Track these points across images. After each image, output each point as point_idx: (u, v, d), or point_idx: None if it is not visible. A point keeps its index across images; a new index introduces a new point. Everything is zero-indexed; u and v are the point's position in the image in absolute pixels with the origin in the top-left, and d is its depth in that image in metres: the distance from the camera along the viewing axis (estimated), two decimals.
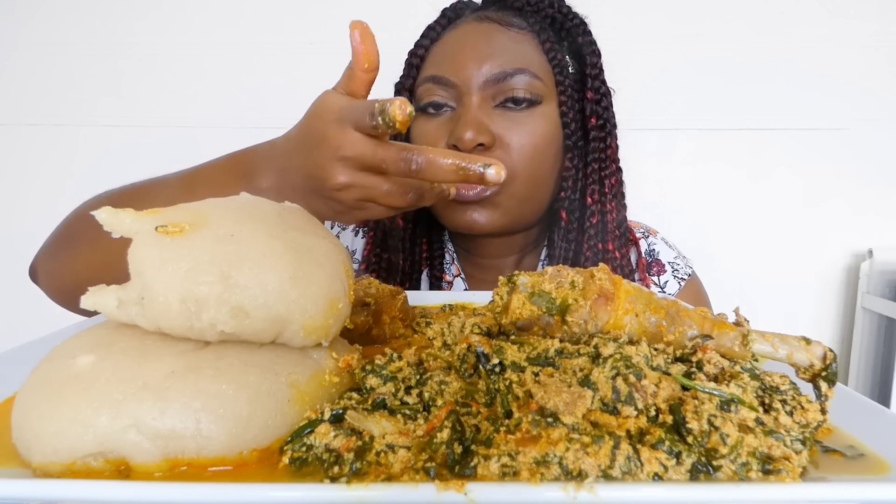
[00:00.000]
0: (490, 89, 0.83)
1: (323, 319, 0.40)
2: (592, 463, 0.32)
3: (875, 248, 1.57)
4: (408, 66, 0.92)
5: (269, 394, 0.36)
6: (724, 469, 0.34)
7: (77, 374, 0.35)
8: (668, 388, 0.38)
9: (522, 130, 0.83)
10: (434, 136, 0.85)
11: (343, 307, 0.42)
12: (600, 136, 0.90)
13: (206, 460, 0.33)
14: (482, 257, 1.00)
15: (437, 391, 0.40)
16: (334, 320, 0.41)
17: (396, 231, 0.96)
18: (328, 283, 0.40)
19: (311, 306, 0.39)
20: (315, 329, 0.39)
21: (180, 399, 0.34)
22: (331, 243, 0.44)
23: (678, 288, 0.99)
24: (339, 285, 0.42)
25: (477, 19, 0.88)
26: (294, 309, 0.38)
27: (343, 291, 0.42)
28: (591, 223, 0.90)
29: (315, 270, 0.40)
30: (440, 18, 0.92)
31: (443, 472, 0.33)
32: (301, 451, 0.34)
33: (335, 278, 0.41)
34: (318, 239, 0.43)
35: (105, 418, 0.33)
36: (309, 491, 0.31)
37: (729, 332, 0.44)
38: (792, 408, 0.38)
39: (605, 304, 0.44)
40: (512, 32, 0.86)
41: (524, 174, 0.84)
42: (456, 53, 0.85)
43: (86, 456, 0.33)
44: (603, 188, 0.91)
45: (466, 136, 0.80)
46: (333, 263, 0.42)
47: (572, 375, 0.40)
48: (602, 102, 0.90)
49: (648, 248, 1.02)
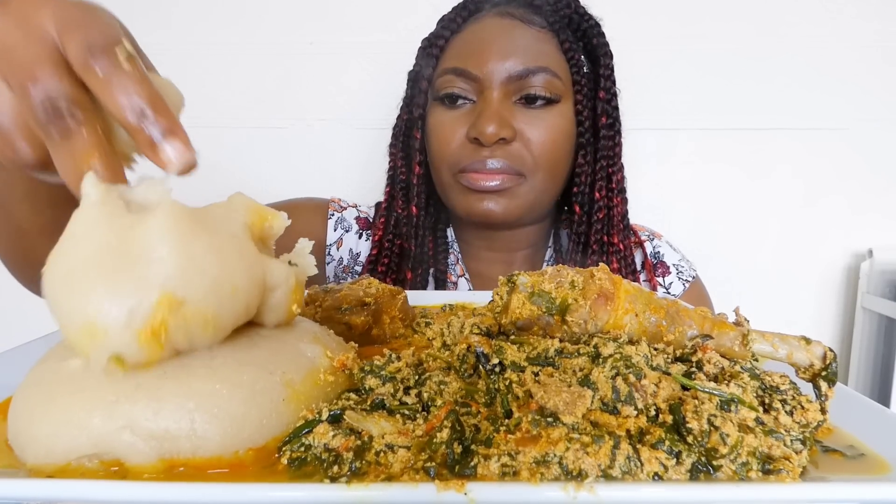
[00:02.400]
0: (512, 85, 0.85)
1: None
2: (592, 463, 0.32)
3: (875, 248, 1.57)
4: (426, 56, 0.93)
5: (264, 393, 0.36)
6: (724, 469, 0.33)
7: (70, 375, 0.35)
8: (668, 387, 0.38)
9: (541, 126, 0.86)
10: (451, 127, 0.88)
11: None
12: (609, 134, 0.93)
13: (201, 460, 0.33)
14: (489, 251, 1.01)
15: (436, 391, 0.40)
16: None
17: (410, 217, 0.97)
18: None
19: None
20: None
21: (174, 399, 0.33)
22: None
23: (683, 289, 1.01)
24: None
25: (499, 14, 0.90)
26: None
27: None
28: (598, 217, 0.93)
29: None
30: (460, 10, 0.93)
31: (443, 472, 0.33)
32: (300, 451, 0.34)
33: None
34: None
35: (98, 420, 0.33)
36: (309, 491, 0.30)
37: (729, 332, 0.44)
38: (792, 407, 0.38)
39: (604, 303, 0.44)
40: (534, 30, 0.88)
41: (543, 168, 0.87)
42: (479, 47, 0.86)
43: (80, 457, 0.33)
44: (610, 184, 0.94)
45: (489, 130, 0.82)
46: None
47: (572, 375, 0.40)
48: (612, 102, 0.93)
49: (653, 251, 1.04)
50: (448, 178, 0.91)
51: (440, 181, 0.93)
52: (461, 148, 0.87)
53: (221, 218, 0.38)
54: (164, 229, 0.34)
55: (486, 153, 0.85)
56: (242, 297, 0.37)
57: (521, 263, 1.01)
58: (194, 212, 0.36)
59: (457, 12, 0.93)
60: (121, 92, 0.35)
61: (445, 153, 0.89)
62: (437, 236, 1.02)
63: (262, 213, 0.41)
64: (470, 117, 0.86)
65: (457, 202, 0.92)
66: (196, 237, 0.35)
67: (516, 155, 0.86)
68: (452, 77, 0.87)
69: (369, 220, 1.06)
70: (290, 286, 0.41)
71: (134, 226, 0.34)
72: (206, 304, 0.35)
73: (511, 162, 0.85)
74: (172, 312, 0.33)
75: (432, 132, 0.91)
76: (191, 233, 0.35)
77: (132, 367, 0.33)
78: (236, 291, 0.36)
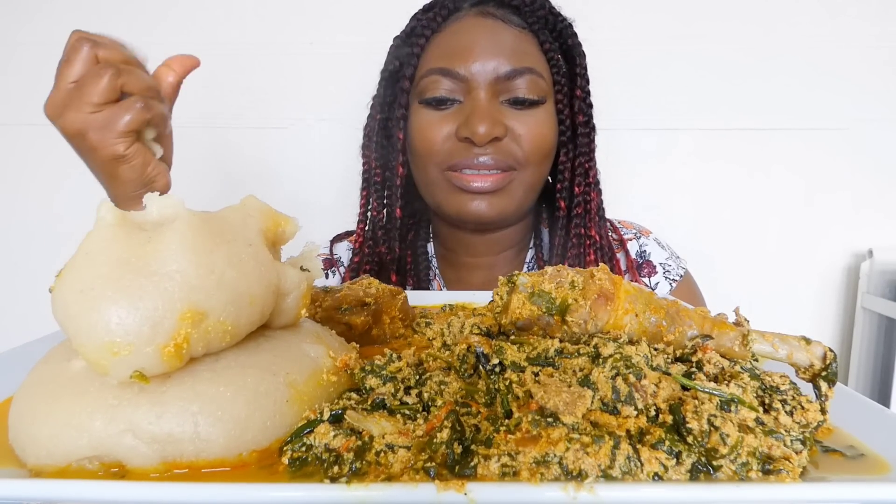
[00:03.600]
0: (500, 85, 0.86)
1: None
2: (592, 463, 0.32)
3: (875, 248, 1.57)
4: (405, 54, 0.91)
5: (268, 394, 0.36)
6: (724, 469, 0.33)
7: (72, 377, 0.35)
8: (668, 388, 0.38)
9: (530, 122, 0.87)
10: (439, 127, 0.87)
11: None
12: (585, 131, 0.94)
13: (204, 462, 0.33)
14: (469, 256, 1.00)
15: (436, 391, 0.40)
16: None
17: (393, 221, 0.96)
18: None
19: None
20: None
21: (177, 402, 0.33)
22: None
23: (670, 289, 1.01)
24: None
25: (479, 14, 0.90)
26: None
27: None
28: (577, 212, 0.95)
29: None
30: (439, 9, 0.92)
31: (443, 472, 0.33)
32: (301, 451, 0.34)
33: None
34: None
35: (100, 423, 0.33)
36: (309, 491, 0.30)
37: (729, 332, 0.44)
38: (792, 408, 0.38)
39: (604, 304, 0.44)
40: (515, 31, 0.89)
41: (533, 162, 0.89)
42: (463, 47, 0.87)
43: (81, 459, 0.33)
44: (587, 178, 0.95)
45: (481, 130, 0.83)
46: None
47: (572, 375, 0.40)
48: (587, 100, 0.95)
49: (640, 250, 1.04)
50: (436, 177, 0.90)
51: (426, 181, 0.92)
52: (451, 147, 0.87)
53: (237, 225, 0.38)
54: (185, 242, 0.34)
55: (478, 150, 0.86)
56: (259, 305, 0.37)
57: (503, 266, 1.01)
58: (210, 221, 0.36)
59: (435, 11, 0.92)
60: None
61: (433, 152, 0.88)
62: (418, 251, 1.02)
63: (276, 218, 0.42)
64: (457, 116, 0.86)
65: (445, 202, 0.91)
66: (216, 248, 0.35)
67: (507, 150, 0.87)
68: (438, 77, 0.87)
69: (330, 259, 1.06)
70: (302, 291, 0.42)
71: (150, 241, 0.34)
72: (227, 315, 0.35)
73: (503, 157, 0.86)
74: (195, 326, 0.33)
75: (417, 132, 0.90)
76: (211, 244, 0.35)
77: (151, 378, 0.33)
78: (254, 300, 0.37)
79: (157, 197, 0.37)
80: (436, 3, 0.93)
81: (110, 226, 0.34)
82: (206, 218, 0.36)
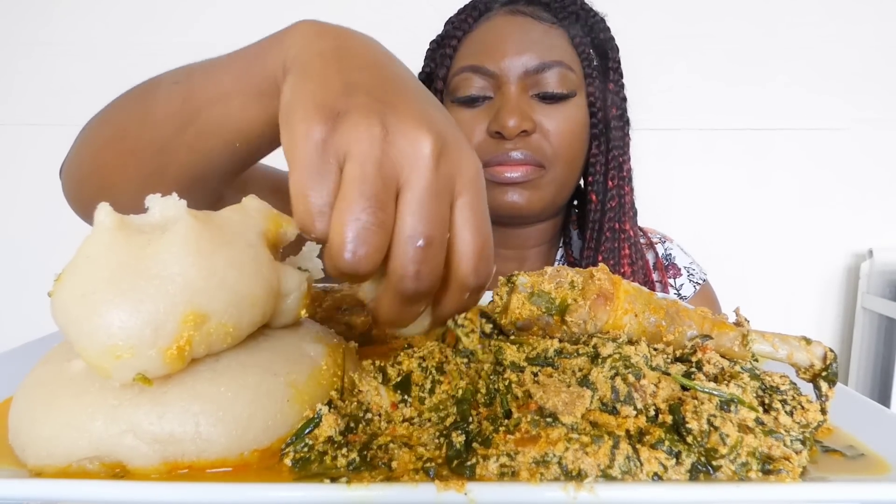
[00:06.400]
0: (529, 79, 0.87)
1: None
2: (592, 463, 0.32)
3: (875, 248, 1.57)
4: (439, 56, 0.94)
5: (269, 394, 0.36)
6: (724, 469, 0.33)
7: (72, 377, 0.35)
8: (667, 387, 0.38)
9: (559, 118, 0.89)
10: (471, 125, 0.89)
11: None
12: (619, 125, 0.96)
13: (206, 462, 0.33)
14: (505, 248, 1.02)
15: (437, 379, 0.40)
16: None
17: None
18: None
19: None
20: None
21: (178, 403, 0.33)
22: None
23: (693, 291, 1.03)
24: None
25: (510, 13, 0.92)
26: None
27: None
28: (611, 206, 0.96)
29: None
30: (471, 10, 0.95)
31: (443, 472, 0.33)
32: (303, 451, 0.35)
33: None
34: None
35: (101, 423, 0.33)
36: (309, 491, 0.30)
37: (729, 332, 0.44)
38: (792, 408, 0.38)
39: (604, 304, 0.44)
40: (545, 26, 0.91)
41: (563, 158, 0.90)
42: (494, 44, 0.89)
43: (81, 459, 0.33)
44: (621, 172, 0.97)
45: (510, 123, 0.84)
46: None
47: (571, 375, 0.40)
48: (621, 94, 0.96)
49: (665, 253, 1.07)
50: None
51: None
52: (483, 143, 0.89)
53: (238, 226, 0.38)
54: (186, 245, 0.34)
55: (509, 146, 0.87)
56: (260, 307, 0.37)
57: (534, 261, 1.03)
58: (211, 222, 0.36)
59: (467, 13, 0.95)
60: None
61: None
62: None
63: (276, 219, 0.42)
64: (489, 113, 0.88)
65: None
66: (217, 250, 0.35)
67: (537, 146, 0.88)
68: (469, 74, 0.89)
69: None
70: (303, 292, 0.42)
71: (150, 243, 0.34)
72: (229, 317, 0.35)
73: (532, 153, 0.88)
74: (197, 328, 0.33)
75: None
76: (212, 246, 0.35)
77: (154, 381, 0.33)
78: (255, 302, 0.37)
79: (159, 198, 0.37)
80: (467, 5, 0.96)
81: (109, 229, 0.34)
82: (207, 219, 0.36)
